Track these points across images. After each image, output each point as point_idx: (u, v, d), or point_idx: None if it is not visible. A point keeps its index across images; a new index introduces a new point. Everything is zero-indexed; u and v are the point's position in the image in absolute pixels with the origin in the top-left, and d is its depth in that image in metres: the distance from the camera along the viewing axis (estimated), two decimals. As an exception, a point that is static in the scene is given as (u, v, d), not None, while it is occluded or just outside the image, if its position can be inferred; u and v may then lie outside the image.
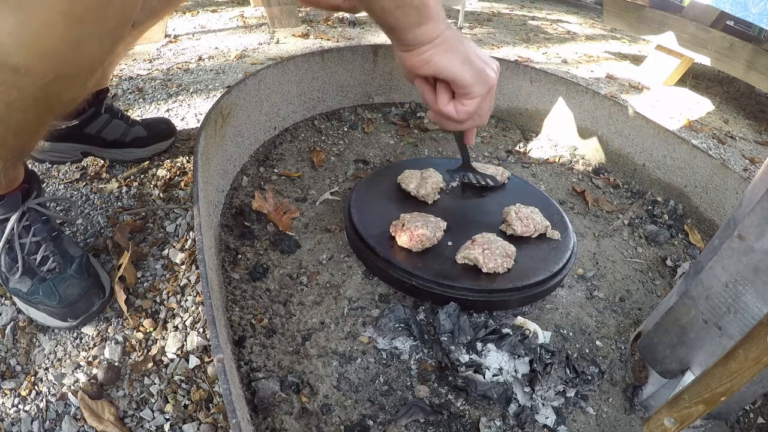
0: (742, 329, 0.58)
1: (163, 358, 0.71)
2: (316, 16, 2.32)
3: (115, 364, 0.70)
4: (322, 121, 1.31)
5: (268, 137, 1.19)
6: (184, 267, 0.83)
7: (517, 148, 1.36)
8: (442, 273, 0.80)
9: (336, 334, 0.76)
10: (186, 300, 0.79)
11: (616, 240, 1.07)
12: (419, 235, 0.82)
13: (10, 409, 0.64)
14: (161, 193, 0.99)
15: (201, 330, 0.74)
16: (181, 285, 0.81)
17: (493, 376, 0.72)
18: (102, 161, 1.05)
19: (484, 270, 0.80)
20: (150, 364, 0.70)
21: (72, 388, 0.67)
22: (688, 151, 1.15)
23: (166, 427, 0.64)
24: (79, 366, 0.70)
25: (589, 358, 0.79)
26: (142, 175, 1.04)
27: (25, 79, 0.49)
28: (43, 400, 0.65)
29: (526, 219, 0.90)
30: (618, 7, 2.30)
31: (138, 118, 1.13)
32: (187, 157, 1.11)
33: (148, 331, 0.75)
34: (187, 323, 0.75)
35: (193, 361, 0.70)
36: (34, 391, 0.66)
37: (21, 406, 0.65)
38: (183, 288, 0.81)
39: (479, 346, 0.74)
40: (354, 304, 0.81)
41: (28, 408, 0.65)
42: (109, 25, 0.50)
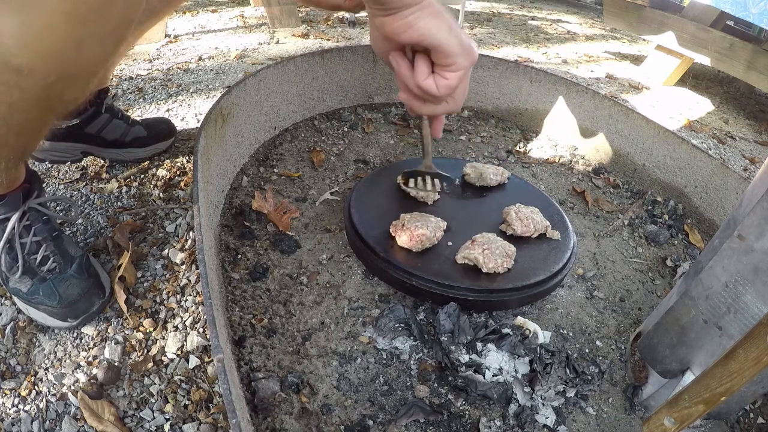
0: (742, 329, 0.58)
1: (163, 358, 0.71)
2: (316, 16, 2.32)
3: (115, 364, 0.70)
4: (322, 121, 1.31)
5: (268, 137, 1.19)
6: (184, 267, 0.83)
7: (517, 148, 1.36)
8: (442, 273, 0.80)
9: (336, 334, 0.76)
10: (186, 300, 0.79)
11: (616, 240, 1.07)
12: (419, 235, 0.82)
13: (10, 409, 0.64)
14: (161, 193, 0.99)
15: (201, 330, 0.74)
16: (181, 285, 0.81)
17: (493, 376, 0.72)
18: (102, 161, 1.05)
19: (484, 270, 0.80)
20: (150, 364, 0.70)
21: (72, 388, 0.67)
22: (688, 151, 1.15)
23: (166, 427, 0.64)
24: (79, 366, 0.70)
25: (589, 358, 0.79)
26: (142, 175, 1.04)
27: (27, 79, 0.49)
28: (43, 400, 0.65)
29: (526, 219, 0.90)
30: (618, 7, 2.30)
31: (138, 118, 1.13)
32: (187, 157, 1.11)
33: (148, 331, 0.75)
34: (187, 323, 0.75)
35: (193, 361, 0.70)
36: (34, 391, 0.66)
37: (21, 406, 0.65)
38: (183, 288, 0.81)
39: (479, 346, 0.74)
40: (354, 304, 0.81)
41: (28, 408, 0.65)
42: (111, 25, 0.50)
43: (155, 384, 0.68)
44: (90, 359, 0.70)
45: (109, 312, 0.77)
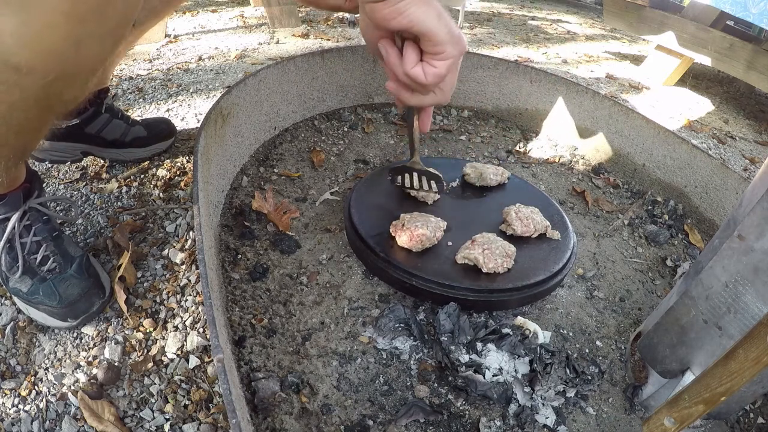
0: (742, 329, 0.58)
1: (163, 358, 0.71)
2: (316, 16, 2.32)
3: (115, 364, 0.70)
4: (322, 121, 1.31)
5: (268, 137, 1.19)
6: (184, 267, 0.83)
7: (517, 148, 1.36)
8: (442, 273, 0.80)
9: (336, 334, 0.76)
10: (186, 300, 0.79)
11: (616, 240, 1.07)
12: (419, 235, 0.82)
13: (10, 409, 0.64)
14: (161, 193, 0.99)
15: (201, 330, 0.74)
16: (181, 285, 0.81)
17: (493, 376, 0.72)
18: (102, 161, 1.05)
19: (484, 270, 0.80)
20: (150, 364, 0.70)
21: (72, 388, 0.67)
22: (688, 151, 1.15)
23: (166, 427, 0.64)
24: (79, 366, 0.70)
25: (589, 358, 0.79)
26: (142, 175, 1.04)
27: (26, 78, 0.49)
28: (43, 400, 0.65)
29: (526, 219, 0.90)
30: (618, 7, 2.30)
31: (138, 118, 1.13)
32: (187, 157, 1.11)
33: (148, 331, 0.75)
34: (187, 323, 0.75)
35: (193, 361, 0.70)
36: (34, 391, 0.66)
37: (21, 406, 0.65)
38: (183, 288, 0.81)
39: (479, 346, 0.74)
40: (354, 304, 0.81)
41: (28, 408, 0.65)
42: (110, 24, 0.50)
43: (155, 384, 0.68)
44: (90, 359, 0.70)
45: (109, 312, 0.76)
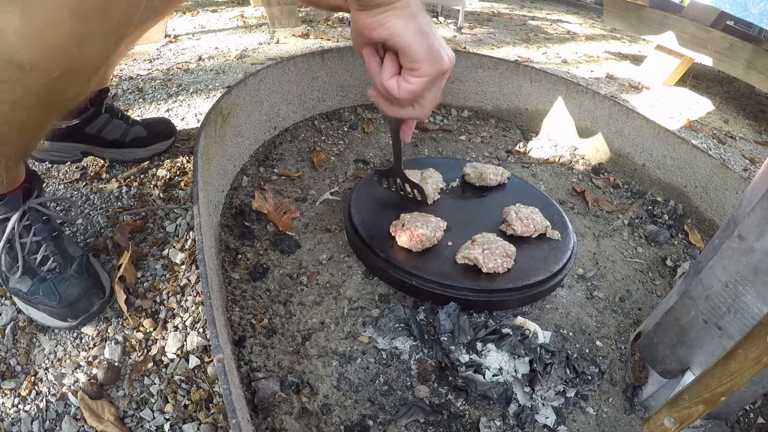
0: (742, 329, 0.58)
1: (163, 358, 0.71)
2: (316, 16, 2.32)
3: (115, 364, 0.70)
4: (322, 121, 1.31)
5: (268, 137, 1.19)
6: (184, 267, 0.83)
7: (517, 148, 1.36)
8: (442, 273, 0.80)
9: (336, 334, 0.76)
10: (186, 300, 0.79)
11: (616, 240, 1.07)
12: (419, 235, 0.82)
13: (10, 409, 0.64)
14: (161, 193, 0.99)
15: (201, 330, 0.74)
16: (181, 285, 0.81)
17: (493, 376, 0.72)
18: (102, 161, 1.05)
19: (484, 270, 0.80)
20: (150, 364, 0.70)
21: (72, 388, 0.67)
22: (688, 151, 1.15)
23: (166, 427, 0.64)
24: (79, 366, 0.70)
25: (589, 358, 0.79)
26: (142, 175, 1.04)
27: (29, 76, 0.49)
28: (43, 400, 0.65)
29: (526, 219, 0.90)
30: (618, 7, 2.30)
31: (138, 118, 1.13)
32: (187, 157, 1.11)
33: (148, 331, 0.75)
34: (187, 323, 0.75)
35: (193, 361, 0.70)
36: (34, 391, 0.66)
37: (21, 406, 0.65)
38: (183, 288, 0.81)
39: (479, 346, 0.74)
40: (354, 304, 0.81)
41: (28, 408, 0.65)
42: (113, 23, 0.50)
43: (155, 384, 0.68)
44: (90, 359, 0.70)
45: (109, 312, 0.76)
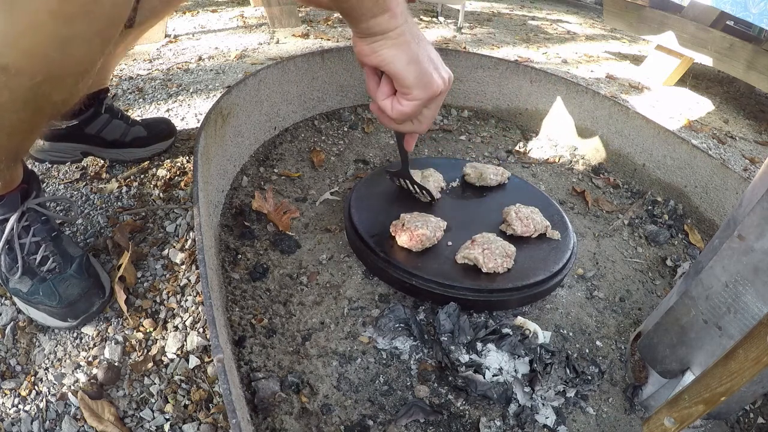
0: (742, 329, 0.58)
1: (163, 358, 0.71)
2: (316, 16, 2.32)
3: (115, 364, 0.70)
4: (322, 121, 1.31)
5: (268, 137, 1.19)
6: (184, 267, 0.83)
7: (517, 148, 1.36)
8: (442, 273, 0.80)
9: (336, 334, 0.76)
10: (186, 300, 0.79)
11: (616, 240, 1.07)
12: (419, 235, 0.82)
13: (10, 409, 0.64)
14: (161, 193, 0.99)
15: (201, 330, 0.74)
16: (181, 285, 0.81)
17: (493, 376, 0.72)
18: (102, 161, 1.05)
19: (484, 270, 0.80)
20: (150, 364, 0.70)
21: (72, 388, 0.67)
22: (688, 151, 1.15)
23: (166, 427, 0.64)
24: (79, 366, 0.70)
25: (589, 358, 0.79)
26: (142, 175, 1.04)
27: (15, 79, 0.49)
28: (43, 400, 0.65)
29: (526, 219, 0.90)
30: (618, 7, 2.30)
31: (138, 118, 1.13)
32: (187, 157, 1.11)
33: (148, 331, 0.75)
34: (187, 323, 0.75)
35: (193, 361, 0.70)
36: (34, 391, 0.66)
37: (21, 406, 0.65)
38: (183, 288, 0.81)
39: (479, 346, 0.74)
40: (354, 304, 0.81)
41: (28, 408, 0.65)
42: (97, 26, 0.50)
43: (155, 384, 0.68)
44: (90, 359, 0.70)
45: (109, 312, 0.76)
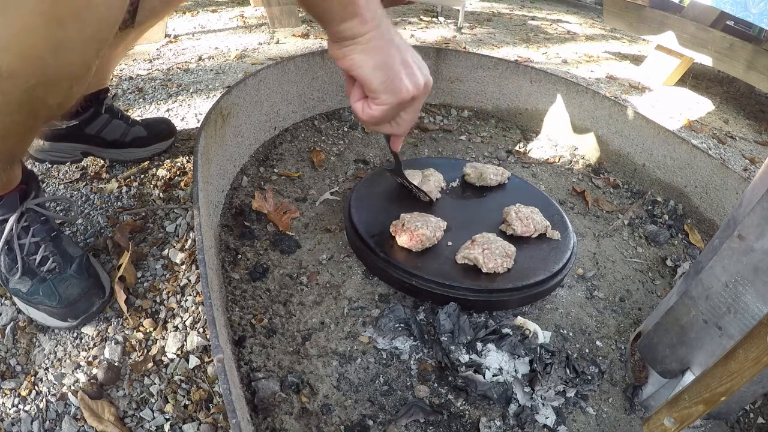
0: (742, 329, 0.58)
1: (163, 358, 0.71)
2: (316, 16, 2.32)
3: (115, 364, 0.70)
4: (322, 121, 1.31)
5: (268, 137, 1.19)
6: (184, 267, 0.83)
7: (517, 148, 1.36)
8: (442, 273, 0.80)
9: (336, 334, 0.76)
10: (186, 300, 0.79)
11: (616, 240, 1.07)
12: (419, 235, 0.82)
13: (10, 409, 0.64)
14: (161, 193, 0.99)
15: (201, 330, 0.74)
16: (181, 285, 0.81)
17: (493, 376, 0.72)
18: (102, 161, 1.05)
19: (484, 270, 0.80)
20: (150, 364, 0.70)
21: (72, 388, 0.67)
22: (688, 151, 1.15)
23: (166, 427, 0.64)
24: (79, 366, 0.70)
25: (589, 358, 0.79)
26: (142, 175, 1.04)
27: (7, 82, 0.48)
28: (43, 400, 0.65)
29: (526, 219, 0.90)
30: (618, 7, 2.30)
31: (138, 118, 1.13)
32: (187, 157, 1.11)
33: (148, 331, 0.75)
34: (187, 323, 0.75)
35: (193, 361, 0.70)
36: (34, 391, 0.66)
37: (21, 406, 0.65)
38: (183, 288, 0.81)
39: (479, 346, 0.74)
40: (354, 304, 0.81)
41: (28, 408, 0.65)
42: (91, 29, 0.50)
43: (155, 384, 0.68)
44: (90, 359, 0.70)
45: (109, 312, 0.76)
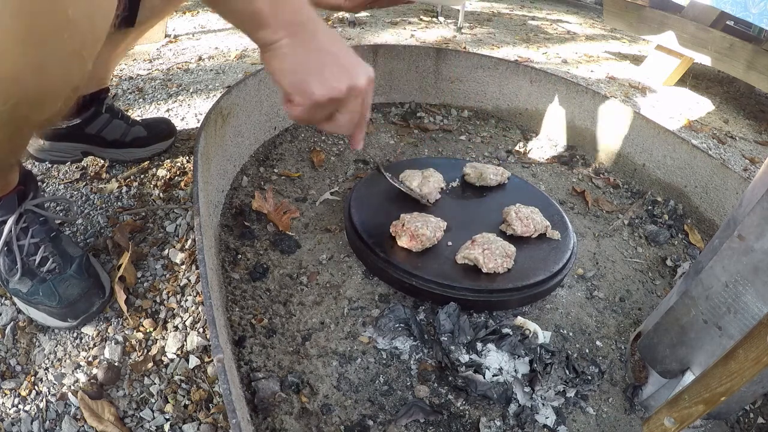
0: (742, 329, 0.58)
1: (163, 358, 0.71)
2: (316, 16, 2.32)
3: (115, 364, 0.70)
4: (322, 121, 1.31)
5: (268, 137, 1.19)
6: (184, 267, 0.83)
7: (517, 148, 1.36)
8: (442, 273, 0.80)
9: (336, 334, 0.76)
10: (186, 300, 0.79)
11: (616, 240, 1.07)
12: (419, 235, 0.82)
13: (10, 409, 0.64)
14: (161, 193, 0.99)
15: (201, 330, 0.74)
16: (181, 285, 0.81)
17: (493, 376, 0.72)
18: (102, 161, 1.05)
19: (484, 270, 0.80)
20: (150, 364, 0.70)
21: (72, 388, 0.67)
22: (688, 151, 1.15)
23: (166, 427, 0.64)
24: (79, 366, 0.70)
25: (589, 358, 0.79)
26: (142, 175, 1.04)
27: None
28: (43, 400, 0.65)
29: (526, 219, 0.90)
30: (618, 7, 2.30)
31: (138, 118, 1.13)
32: (187, 157, 1.11)
33: (148, 331, 0.75)
34: (187, 323, 0.75)
35: (193, 361, 0.70)
36: (34, 391, 0.66)
37: (21, 406, 0.65)
38: (183, 288, 0.81)
39: (479, 346, 0.74)
40: (354, 304, 0.81)
41: (28, 408, 0.65)
42: (73, 46, 0.48)
43: (155, 384, 0.68)
44: (90, 359, 0.70)
45: (109, 312, 0.76)
